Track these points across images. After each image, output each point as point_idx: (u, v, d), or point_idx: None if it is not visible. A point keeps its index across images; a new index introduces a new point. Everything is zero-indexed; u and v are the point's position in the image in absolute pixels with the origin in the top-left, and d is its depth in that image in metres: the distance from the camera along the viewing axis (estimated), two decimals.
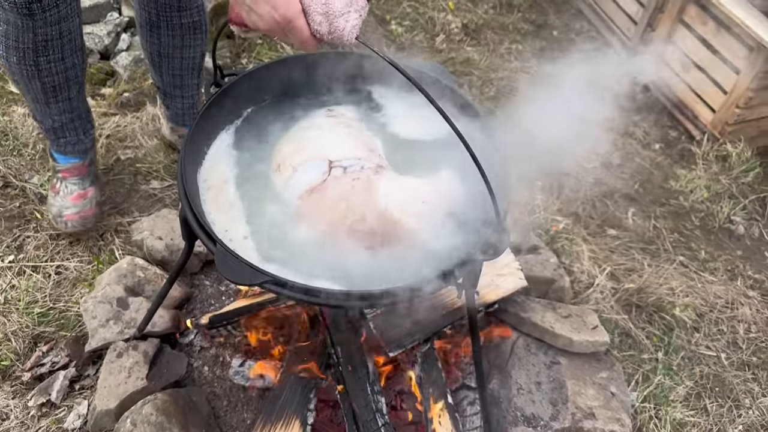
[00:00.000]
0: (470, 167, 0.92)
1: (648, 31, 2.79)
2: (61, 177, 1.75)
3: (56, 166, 1.75)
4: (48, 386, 1.36)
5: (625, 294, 1.81)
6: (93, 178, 1.78)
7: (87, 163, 1.75)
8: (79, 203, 1.71)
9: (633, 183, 2.34)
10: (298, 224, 1.08)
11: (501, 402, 1.44)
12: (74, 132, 1.68)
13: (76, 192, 1.72)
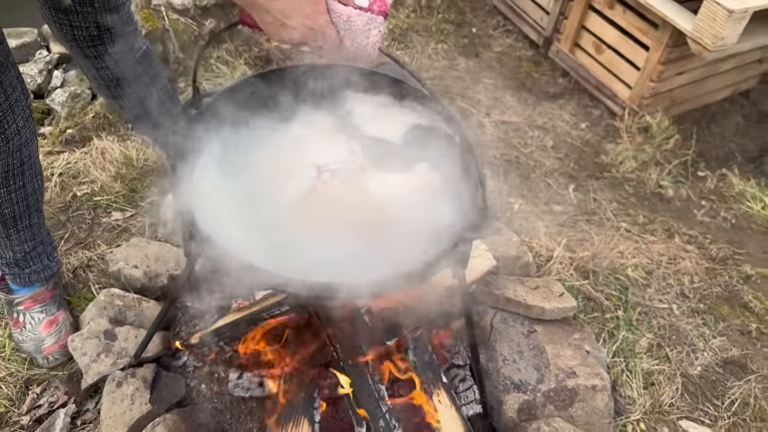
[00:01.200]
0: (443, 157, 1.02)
1: (561, 19, 2.99)
2: (21, 309, 1.59)
3: (14, 299, 1.59)
4: (50, 426, 1.35)
5: (581, 262, 1.96)
6: (60, 301, 1.63)
7: (51, 287, 1.61)
8: (54, 329, 1.57)
9: (568, 162, 2.51)
10: (296, 232, 1.13)
11: (491, 374, 1.54)
12: (39, 259, 1.55)
13: (45, 320, 1.57)
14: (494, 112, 2.70)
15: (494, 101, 2.78)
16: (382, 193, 1.15)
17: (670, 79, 2.65)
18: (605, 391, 1.52)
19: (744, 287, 2.12)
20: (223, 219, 1.13)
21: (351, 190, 1.15)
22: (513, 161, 2.43)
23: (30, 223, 1.47)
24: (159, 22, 2.46)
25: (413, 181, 1.19)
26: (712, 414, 1.74)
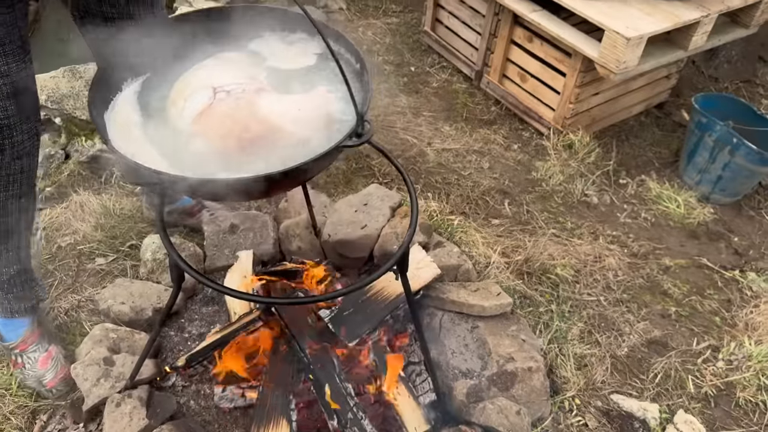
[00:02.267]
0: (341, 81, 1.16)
1: (488, 54, 3.32)
2: (17, 352, 1.75)
3: (9, 345, 1.75)
4: None
5: (516, 265, 2.23)
6: (48, 334, 1.80)
7: (36, 328, 1.76)
8: (50, 364, 1.73)
9: (503, 180, 2.80)
10: (194, 144, 1.27)
11: (441, 365, 1.78)
12: (21, 286, 1.70)
13: (41, 357, 1.73)
14: (435, 142, 3.00)
15: (435, 131, 3.08)
16: (271, 108, 1.27)
17: (587, 100, 2.99)
18: (540, 372, 1.78)
19: (664, 277, 2.42)
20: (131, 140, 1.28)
21: (241, 107, 1.28)
22: (454, 183, 2.72)
23: (19, 244, 1.60)
24: None
25: (305, 98, 1.32)
26: (638, 387, 2.01)
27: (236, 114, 1.28)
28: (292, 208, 2.32)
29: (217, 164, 1.23)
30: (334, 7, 4.01)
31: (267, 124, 1.27)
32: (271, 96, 1.33)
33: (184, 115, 1.32)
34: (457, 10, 3.44)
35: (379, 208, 2.18)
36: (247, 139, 1.26)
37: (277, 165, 1.19)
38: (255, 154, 1.25)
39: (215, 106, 1.30)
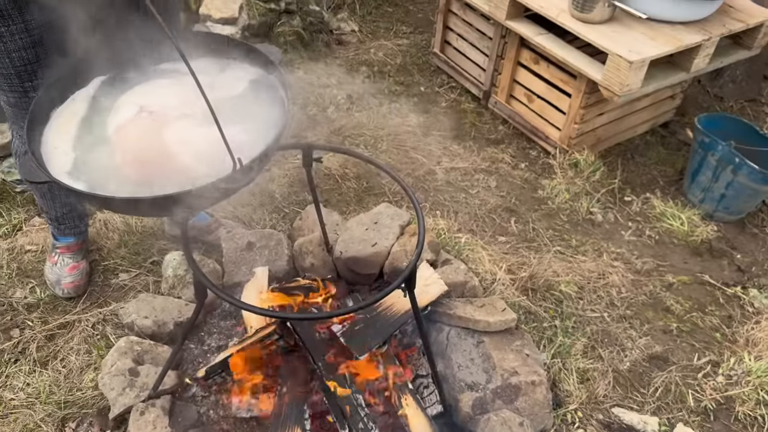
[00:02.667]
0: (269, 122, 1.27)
1: (496, 75, 3.42)
2: (59, 252, 2.13)
3: (55, 243, 2.14)
4: None
5: (521, 282, 2.31)
6: (85, 253, 2.17)
7: (81, 242, 2.16)
8: (74, 273, 2.11)
9: (510, 198, 2.89)
10: (106, 152, 1.34)
11: (448, 379, 1.86)
12: (72, 221, 2.10)
13: (71, 264, 2.11)
14: (444, 160, 3.09)
15: (443, 150, 3.17)
16: (177, 137, 1.31)
17: (592, 120, 3.07)
18: (543, 385, 1.85)
19: (666, 294, 2.49)
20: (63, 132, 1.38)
21: (153, 129, 1.34)
22: (462, 201, 2.81)
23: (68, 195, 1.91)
24: None
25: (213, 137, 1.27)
26: (639, 401, 2.08)
27: (145, 135, 1.35)
28: (306, 226, 2.41)
29: (113, 176, 1.31)
30: (346, 29, 4.13)
31: (165, 152, 1.32)
32: (186, 125, 1.36)
33: (109, 123, 1.40)
34: (465, 32, 3.55)
35: (389, 226, 2.27)
36: (144, 161, 1.32)
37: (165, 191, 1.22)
38: (149, 176, 1.30)
39: (133, 123, 1.38)
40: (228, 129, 1.26)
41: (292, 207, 2.68)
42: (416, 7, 4.51)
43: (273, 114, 1.41)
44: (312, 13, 4.03)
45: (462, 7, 3.49)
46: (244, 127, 1.37)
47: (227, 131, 1.25)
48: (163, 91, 1.47)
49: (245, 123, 1.38)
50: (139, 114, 1.41)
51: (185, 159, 1.32)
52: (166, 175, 1.30)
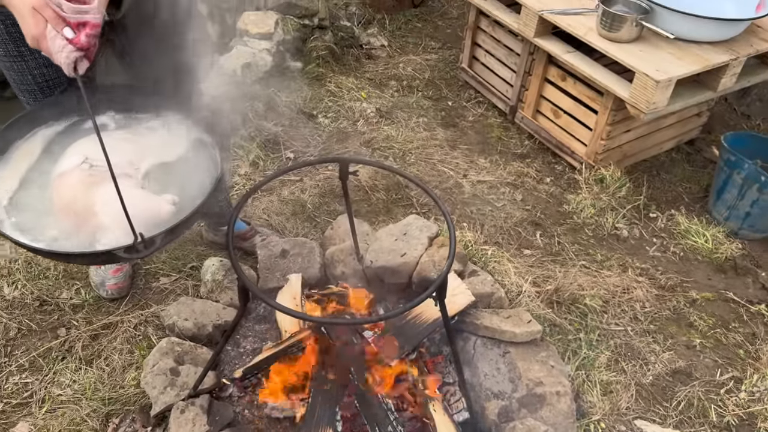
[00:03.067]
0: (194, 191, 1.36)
1: (522, 91, 3.48)
2: None
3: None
4: None
5: (546, 295, 2.36)
6: None
7: None
8: (118, 275, 2.19)
9: (535, 212, 2.94)
10: (43, 195, 1.42)
11: (474, 387, 1.92)
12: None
13: (114, 266, 2.18)
14: (471, 174, 3.16)
15: (470, 164, 3.24)
16: (104, 197, 1.36)
17: (619, 137, 3.12)
18: (567, 396, 1.90)
19: (690, 309, 2.52)
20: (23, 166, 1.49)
21: (87, 183, 1.40)
22: (488, 214, 2.87)
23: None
24: None
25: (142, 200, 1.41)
26: (662, 414, 2.12)
27: (78, 187, 1.40)
28: (337, 235, 2.49)
29: (44, 218, 1.40)
30: (376, 44, 4.23)
31: (90, 208, 1.39)
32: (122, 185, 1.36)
33: (54, 168, 1.47)
34: (493, 49, 3.62)
35: (417, 237, 2.34)
36: (71, 212, 1.40)
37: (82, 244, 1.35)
38: (75, 227, 1.39)
39: (72, 173, 1.44)
40: (157, 197, 1.42)
41: (323, 217, 2.77)
42: (445, 23, 4.60)
43: (205, 183, 1.46)
44: (343, 29, 4.14)
45: (491, 24, 3.56)
46: (174, 194, 1.45)
47: (161, 200, 1.40)
48: (116, 146, 1.48)
49: (177, 190, 1.46)
50: (81, 165, 1.46)
51: (105, 220, 1.38)
52: (87, 230, 1.39)
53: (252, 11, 3.67)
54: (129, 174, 1.47)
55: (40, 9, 1.18)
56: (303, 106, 3.50)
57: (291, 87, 3.61)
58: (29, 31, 1.23)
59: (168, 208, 1.42)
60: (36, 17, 1.19)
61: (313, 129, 3.40)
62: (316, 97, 3.59)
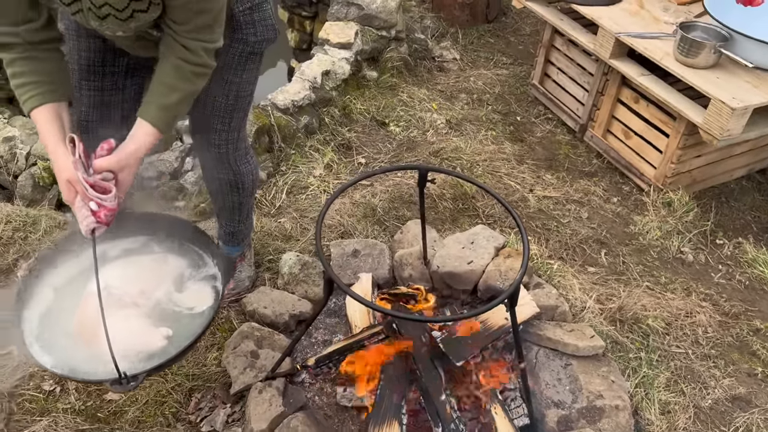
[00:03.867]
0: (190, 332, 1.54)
1: (594, 110, 3.52)
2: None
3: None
4: (212, 421, 1.87)
5: (610, 313, 2.40)
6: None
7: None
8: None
9: (601, 231, 2.98)
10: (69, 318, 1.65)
11: (535, 394, 1.99)
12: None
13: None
14: (537, 189, 3.22)
15: (537, 179, 3.30)
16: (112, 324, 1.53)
17: (689, 161, 3.12)
18: (626, 410, 1.95)
19: (753, 338, 2.51)
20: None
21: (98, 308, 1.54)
22: (553, 230, 2.92)
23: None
24: (266, 118, 3.09)
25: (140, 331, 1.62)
26: None
27: (93, 312, 1.54)
28: (406, 239, 2.60)
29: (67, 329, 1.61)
30: (448, 57, 4.33)
31: (98, 334, 1.51)
32: (129, 314, 1.63)
33: (82, 290, 1.66)
34: (566, 67, 3.67)
35: (484, 247, 2.43)
36: (83, 332, 1.60)
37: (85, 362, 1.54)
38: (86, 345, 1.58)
39: (92, 298, 1.55)
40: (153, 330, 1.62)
41: (392, 221, 2.88)
42: (517, 39, 4.67)
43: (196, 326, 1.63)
44: (417, 41, 4.27)
45: (565, 42, 3.62)
46: (168, 332, 1.62)
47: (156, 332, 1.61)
48: (135, 273, 1.72)
49: (174, 323, 1.65)
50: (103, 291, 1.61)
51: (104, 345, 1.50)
52: (92, 352, 1.56)
53: (334, 21, 3.83)
54: (137, 303, 1.69)
55: (73, 183, 1.43)
56: (376, 114, 3.63)
57: (365, 95, 3.76)
58: (63, 194, 1.48)
59: (161, 343, 1.61)
60: (69, 187, 1.44)
61: (385, 137, 3.53)
62: (389, 106, 3.71)
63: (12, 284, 1.85)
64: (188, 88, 1.55)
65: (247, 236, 2.34)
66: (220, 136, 1.92)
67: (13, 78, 1.50)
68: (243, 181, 2.07)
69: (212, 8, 1.46)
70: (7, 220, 2.53)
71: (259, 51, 1.82)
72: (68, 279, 1.73)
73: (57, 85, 1.51)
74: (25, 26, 1.45)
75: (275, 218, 2.82)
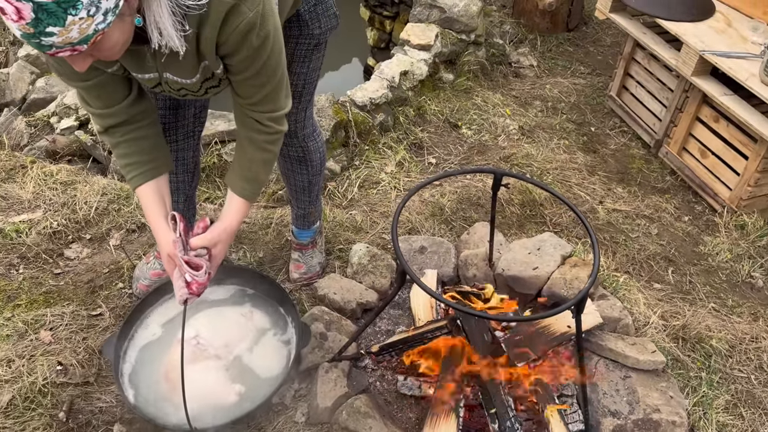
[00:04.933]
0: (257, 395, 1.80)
1: (671, 126, 3.48)
2: (155, 256, 2.32)
3: (157, 246, 2.29)
4: (281, 394, 1.98)
5: (673, 330, 2.40)
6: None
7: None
8: (154, 279, 2.28)
9: (669, 248, 2.96)
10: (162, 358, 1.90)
11: (592, 402, 2.02)
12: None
13: (157, 270, 2.28)
14: (607, 201, 3.21)
15: (607, 191, 3.30)
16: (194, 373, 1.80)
17: (766, 186, 3.06)
18: (683, 427, 1.96)
19: None
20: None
21: (188, 359, 1.79)
22: (621, 243, 2.92)
23: (176, 199, 2.17)
24: (344, 114, 3.21)
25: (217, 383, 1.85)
26: None
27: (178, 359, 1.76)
28: (472, 240, 2.66)
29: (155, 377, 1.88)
30: (525, 63, 4.35)
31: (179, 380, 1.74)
32: (211, 366, 1.86)
33: (178, 335, 1.83)
34: (645, 81, 3.64)
35: (551, 254, 2.46)
36: (168, 378, 1.82)
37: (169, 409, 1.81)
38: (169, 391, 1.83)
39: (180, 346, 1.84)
40: (228, 386, 1.86)
41: (459, 222, 2.94)
42: (596, 49, 4.64)
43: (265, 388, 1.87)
44: (495, 46, 4.31)
45: (647, 56, 3.59)
46: (240, 389, 1.87)
47: (230, 388, 1.86)
48: (224, 325, 1.95)
49: (246, 384, 1.90)
50: (191, 340, 1.90)
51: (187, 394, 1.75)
52: (172, 398, 1.79)
53: (415, 23, 3.92)
54: (219, 356, 1.90)
55: (172, 257, 1.61)
56: (449, 116, 3.70)
57: (440, 97, 3.83)
58: (165, 265, 1.66)
59: (233, 398, 1.81)
60: (169, 261, 1.63)
61: (456, 139, 3.59)
62: (462, 109, 3.77)
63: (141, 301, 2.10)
64: (265, 157, 1.69)
65: (318, 219, 2.46)
66: (290, 117, 2.04)
67: (119, 158, 1.70)
68: (311, 158, 2.20)
69: (272, 80, 1.56)
70: (103, 192, 2.73)
71: (323, 40, 1.95)
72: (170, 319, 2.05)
73: (157, 161, 1.70)
74: (122, 103, 1.63)
75: (347, 210, 2.93)
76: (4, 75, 3.59)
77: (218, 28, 1.37)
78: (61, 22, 1.09)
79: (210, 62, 1.47)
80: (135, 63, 1.49)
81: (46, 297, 2.28)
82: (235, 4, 1.34)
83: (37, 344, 2.09)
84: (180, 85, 1.56)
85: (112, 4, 1.15)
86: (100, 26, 1.15)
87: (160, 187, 1.69)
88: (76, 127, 3.17)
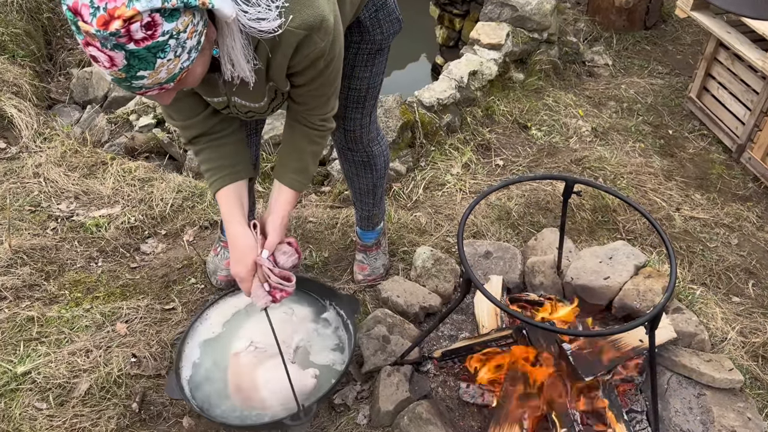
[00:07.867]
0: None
1: (755, 131, 3.29)
2: (222, 246, 2.39)
3: (221, 237, 2.38)
4: (343, 394, 2.00)
5: (752, 347, 2.27)
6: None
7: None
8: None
9: (750, 260, 2.80)
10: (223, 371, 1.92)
11: (663, 420, 1.95)
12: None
13: (228, 259, 2.37)
14: (684, 208, 3.08)
15: (684, 198, 3.16)
16: (266, 374, 1.85)
17: None
18: None
19: None
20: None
21: (251, 363, 1.89)
22: (698, 253, 2.79)
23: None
24: (411, 114, 3.20)
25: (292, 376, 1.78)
26: None
27: (246, 367, 1.88)
28: (539, 247, 2.60)
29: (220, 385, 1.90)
30: (599, 62, 4.22)
31: (254, 385, 1.85)
32: (276, 365, 1.80)
33: (234, 345, 1.98)
34: (728, 82, 3.46)
35: (623, 264, 2.38)
36: (241, 389, 1.87)
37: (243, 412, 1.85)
38: (244, 401, 1.85)
39: (242, 354, 1.93)
40: (303, 372, 1.87)
41: (526, 227, 2.88)
42: (676, 48, 4.45)
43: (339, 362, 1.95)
44: (568, 44, 4.19)
45: (730, 57, 3.41)
46: (315, 371, 1.89)
47: (306, 373, 1.86)
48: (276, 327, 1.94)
49: (317, 368, 1.93)
50: (248, 348, 1.95)
51: (265, 394, 1.83)
52: (251, 404, 1.84)
53: (486, 21, 3.86)
54: (283, 352, 1.92)
55: (258, 264, 1.63)
56: (518, 116, 3.63)
57: (510, 97, 3.76)
58: (239, 272, 1.64)
59: (312, 381, 1.85)
60: (254, 267, 1.63)
61: (525, 140, 3.52)
62: (533, 110, 3.69)
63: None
64: (315, 149, 1.73)
65: (381, 221, 2.46)
66: (354, 122, 2.07)
67: (201, 165, 1.75)
68: (375, 162, 2.21)
69: (329, 91, 1.62)
70: (178, 189, 2.82)
71: (386, 46, 1.95)
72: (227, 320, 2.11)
73: (237, 166, 1.72)
74: (199, 116, 1.67)
75: (411, 212, 2.92)
76: (87, 74, 3.77)
77: (289, 56, 1.42)
78: (151, 66, 1.15)
79: (279, 84, 1.53)
80: (206, 88, 1.55)
81: (122, 290, 2.39)
82: (308, 34, 1.38)
83: (114, 336, 2.19)
84: (248, 108, 1.62)
85: (195, 42, 1.20)
86: (185, 64, 1.22)
87: (239, 192, 1.72)
88: (153, 125, 3.29)
